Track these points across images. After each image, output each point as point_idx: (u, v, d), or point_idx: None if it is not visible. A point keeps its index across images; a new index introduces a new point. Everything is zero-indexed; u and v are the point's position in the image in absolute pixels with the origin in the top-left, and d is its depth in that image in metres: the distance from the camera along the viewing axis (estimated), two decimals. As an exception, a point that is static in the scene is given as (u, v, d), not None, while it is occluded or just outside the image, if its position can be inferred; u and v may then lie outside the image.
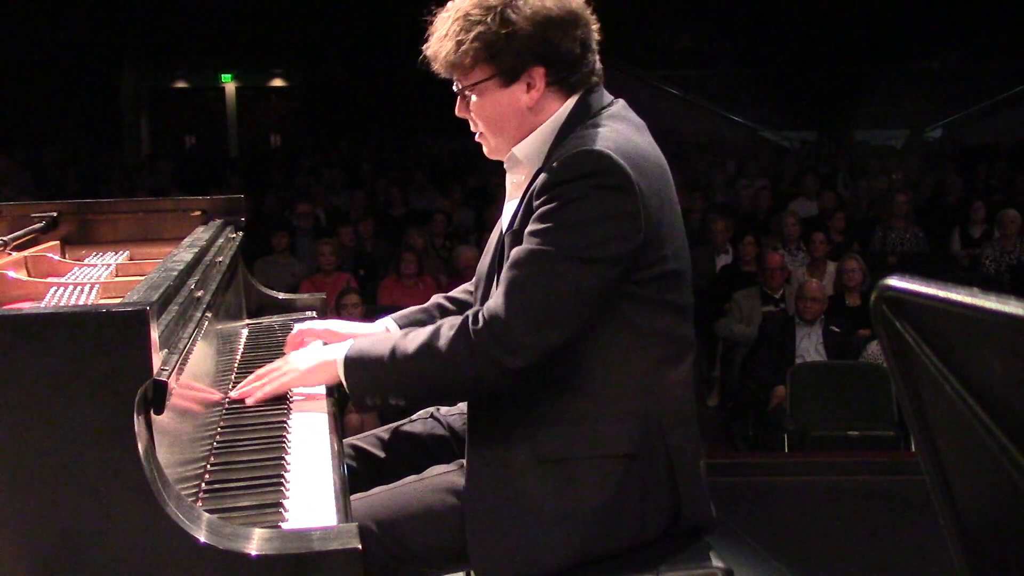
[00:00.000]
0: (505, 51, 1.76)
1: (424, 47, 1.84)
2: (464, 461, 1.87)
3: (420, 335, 1.77)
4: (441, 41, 1.80)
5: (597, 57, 1.87)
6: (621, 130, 1.77)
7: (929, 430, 0.87)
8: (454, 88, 1.88)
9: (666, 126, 14.32)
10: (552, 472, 1.76)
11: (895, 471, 4.71)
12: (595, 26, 1.86)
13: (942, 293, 0.80)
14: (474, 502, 1.77)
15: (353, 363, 1.83)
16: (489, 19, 1.75)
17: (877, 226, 8.63)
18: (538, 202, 1.71)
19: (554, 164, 1.72)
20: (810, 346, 5.98)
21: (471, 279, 2.09)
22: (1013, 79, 15.27)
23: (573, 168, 1.68)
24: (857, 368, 5.71)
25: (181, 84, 17.38)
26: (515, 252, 1.73)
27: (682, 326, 1.84)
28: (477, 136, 1.92)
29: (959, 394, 0.81)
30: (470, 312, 1.75)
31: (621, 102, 1.89)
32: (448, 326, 1.75)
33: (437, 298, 2.20)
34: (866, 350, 5.98)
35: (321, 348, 2.01)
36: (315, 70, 16.49)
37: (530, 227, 1.72)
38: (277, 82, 17.57)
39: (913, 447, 3.60)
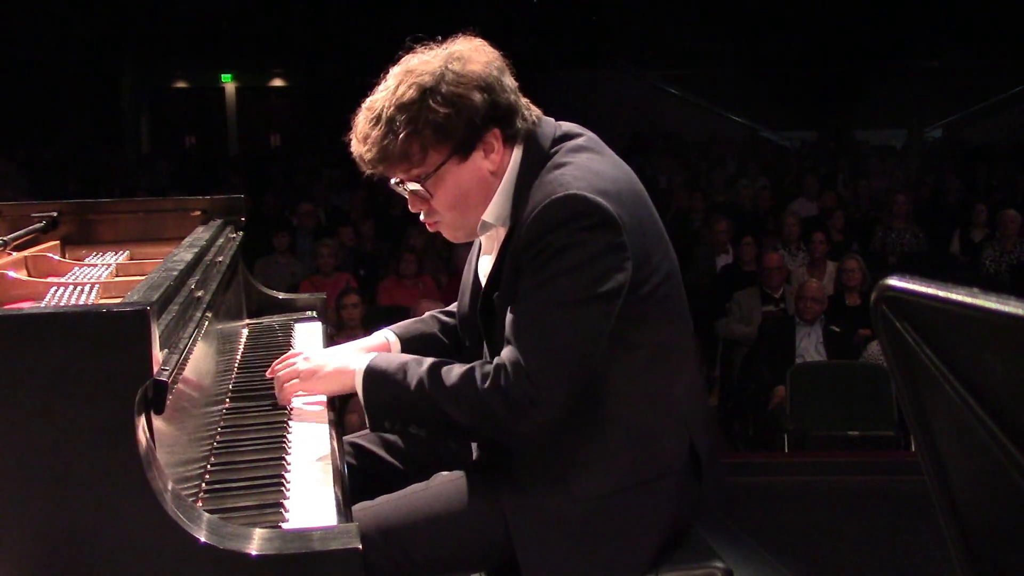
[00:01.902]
0: (456, 126, 1.72)
1: (362, 152, 1.77)
2: (467, 469, 1.89)
3: (449, 376, 1.74)
4: (380, 140, 1.73)
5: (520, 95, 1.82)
6: (583, 162, 1.76)
7: (929, 430, 0.87)
8: (393, 185, 1.82)
9: (666, 126, 14.35)
10: (591, 508, 1.77)
11: (895, 471, 4.71)
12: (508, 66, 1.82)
13: (942, 293, 0.80)
14: (525, 551, 1.76)
15: (372, 380, 1.81)
16: (429, 102, 1.70)
17: (877, 226, 8.63)
18: (527, 256, 1.70)
19: (532, 217, 1.70)
20: (810, 346, 5.98)
21: None
22: (1013, 79, 15.26)
23: (553, 217, 1.67)
24: (857, 368, 5.71)
25: (181, 84, 17.38)
26: (521, 309, 1.71)
27: (683, 332, 1.86)
28: (432, 226, 1.87)
29: (959, 394, 0.81)
30: (499, 365, 1.71)
31: (568, 125, 1.86)
32: (480, 375, 1.71)
33: (433, 312, 2.19)
34: (866, 350, 5.98)
35: (338, 355, 1.97)
36: (315, 70, 16.48)
37: (527, 283, 1.71)
38: (277, 82, 17.57)
39: (913, 447, 3.60)
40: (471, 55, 1.75)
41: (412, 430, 1.80)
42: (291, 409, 1.97)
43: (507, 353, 1.71)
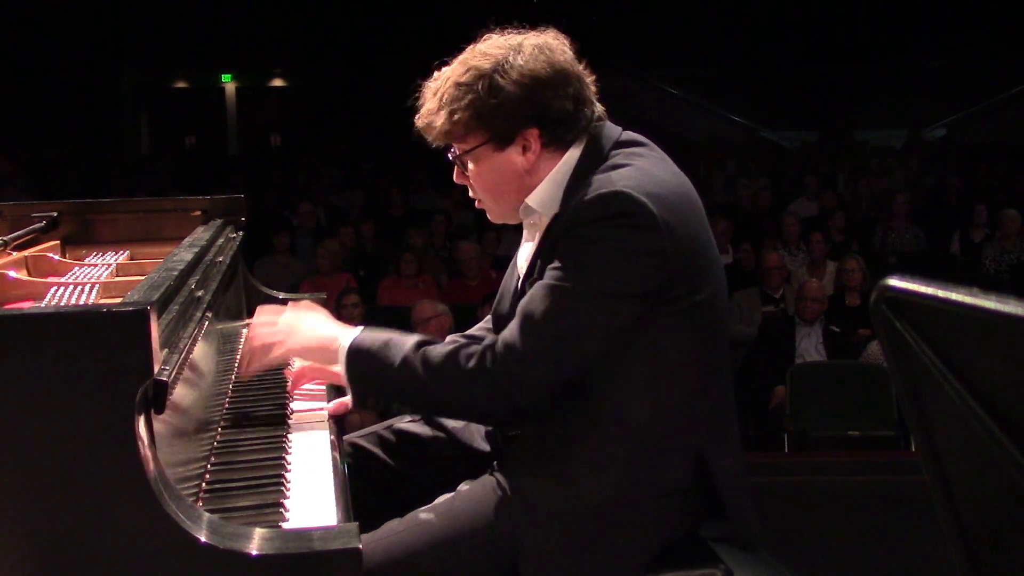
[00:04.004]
0: (496, 117, 1.75)
1: (416, 119, 1.83)
2: (465, 485, 1.88)
3: (435, 355, 1.74)
4: (432, 112, 1.79)
5: (596, 106, 1.84)
6: (642, 166, 1.75)
7: (929, 430, 0.87)
8: (449, 156, 1.87)
9: (666, 126, 14.34)
10: (595, 516, 1.74)
11: (895, 471, 4.71)
12: (590, 78, 1.84)
13: (942, 293, 0.80)
14: (528, 554, 1.73)
15: (357, 358, 1.79)
16: (479, 87, 1.74)
17: (877, 226, 8.63)
18: (562, 244, 1.71)
19: (576, 207, 1.70)
20: (810, 346, 5.98)
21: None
22: (1014, 79, 15.25)
23: (596, 210, 1.67)
24: (857, 368, 5.71)
25: (181, 84, 17.36)
26: (534, 288, 1.72)
27: (716, 356, 1.81)
28: (477, 204, 1.92)
29: (959, 394, 0.81)
30: (487, 345, 1.72)
31: (632, 134, 1.86)
32: (465, 355, 1.71)
33: (453, 337, 2.07)
34: (866, 350, 5.98)
35: (324, 322, 1.93)
36: (315, 70, 16.47)
37: (552, 267, 1.71)
38: (277, 82, 17.55)
39: (913, 447, 3.60)
40: (537, 53, 1.77)
41: (396, 407, 1.84)
42: (291, 408, 1.97)
43: (505, 333, 1.72)
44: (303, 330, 1.91)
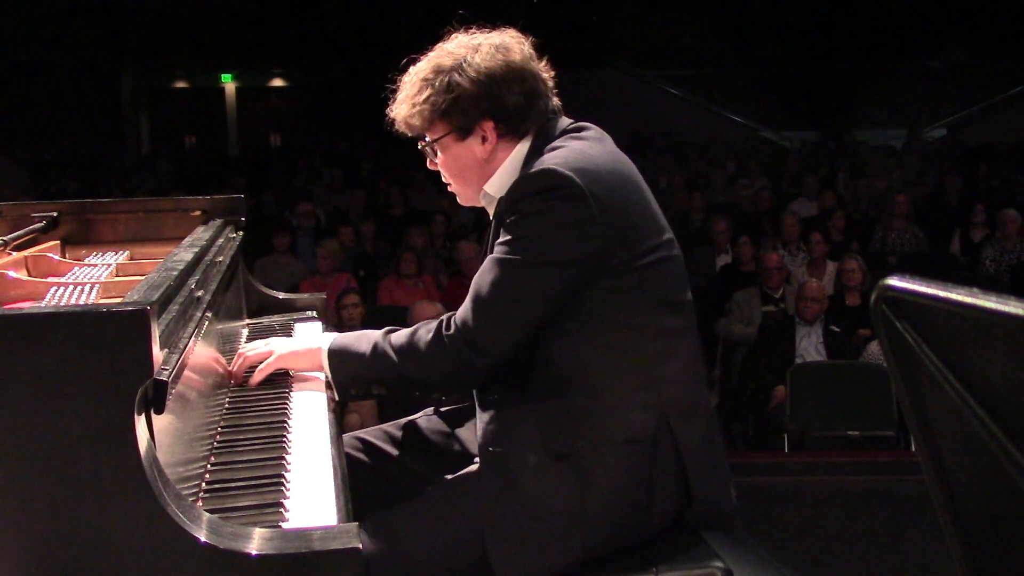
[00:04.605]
0: (454, 110, 1.93)
1: (388, 110, 2.01)
2: (461, 474, 1.93)
3: (400, 336, 1.93)
4: (401, 104, 1.98)
5: (550, 99, 2.00)
6: (575, 146, 1.90)
7: (929, 430, 0.87)
8: (419, 146, 2.04)
9: (666, 126, 14.35)
10: (563, 468, 1.81)
11: (895, 471, 4.72)
12: (545, 75, 2.00)
13: (942, 293, 0.80)
14: (492, 507, 1.81)
15: (336, 355, 2.00)
16: (437, 83, 1.92)
17: (877, 226, 8.62)
18: (504, 222, 1.87)
19: (512, 187, 1.88)
20: (810, 346, 5.98)
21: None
22: (1014, 79, 15.25)
23: (528, 186, 1.84)
24: (857, 368, 5.71)
25: (181, 84, 17.36)
26: (484, 266, 1.89)
27: (673, 319, 1.89)
28: (449, 187, 2.08)
29: (959, 394, 0.81)
30: (443, 319, 1.89)
31: (583, 124, 2.00)
32: (425, 329, 1.90)
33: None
34: (866, 350, 5.98)
35: (306, 337, 2.16)
36: (315, 70, 16.47)
37: (497, 244, 1.88)
38: (277, 82, 17.56)
39: (913, 447, 3.60)
40: (494, 52, 1.93)
41: (375, 391, 2.00)
42: (291, 408, 1.97)
43: (462, 306, 1.88)
44: (289, 343, 2.18)
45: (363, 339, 1.98)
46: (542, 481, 1.80)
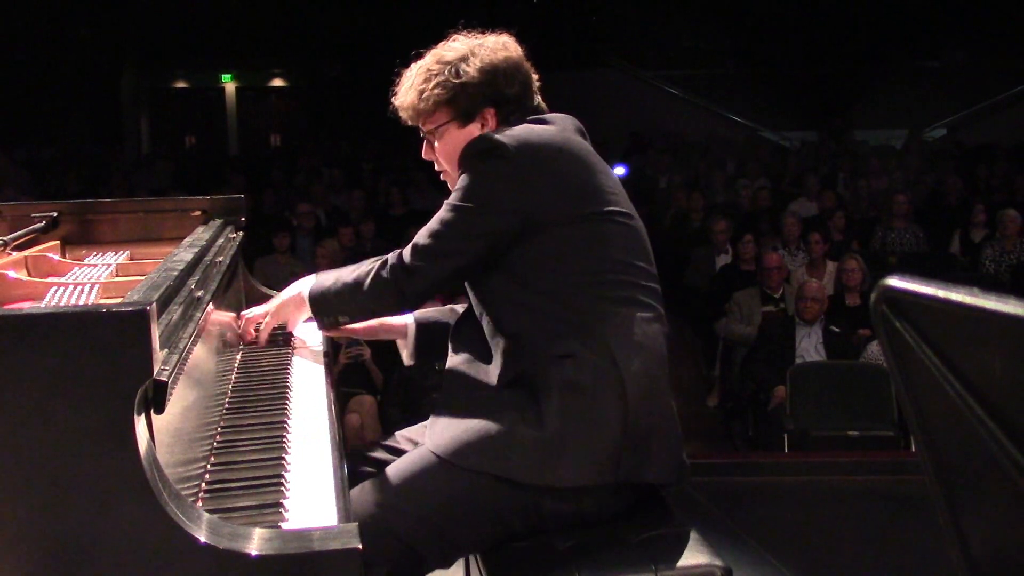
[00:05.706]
0: (460, 97, 2.12)
1: (392, 98, 2.20)
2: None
3: (360, 270, 2.17)
4: (407, 92, 2.17)
5: (537, 96, 2.20)
6: (523, 126, 2.08)
7: (929, 430, 0.87)
8: (420, 134, 2.22)
9: (666, 126, 14.34)
10: (514, 394, 1.97)
11: (895, 471, 4.72)
12: (534, 75, 2.20)
13: (942, 293, 0.80)
14: (445, 401, 2.05)
15: (314, 299, 2.26)
16: (447, 71, 2.12)
17: (877, 226, 8.63)
18: None
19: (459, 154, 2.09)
20: (810, 346, 5.98)
21: None
22: (1014, 79, 15.23)
23: (467, 151, 2.07)
24: (857, 368, 5.71)
25: (181, 84, 17.36)
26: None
27: (627, 275, 2.02)
28: (442, 176, 2.25)
29: (959, 394, 0.81)
30: (389, 255, 2.13)
31: (555, 114, 2.17)
32: (379, 263, 2.13)
33: (452, 306, 2.47)
34: (866, 350, 5.98)
35: (292, 287, 2.38)
36: (315, 70, 16.47)
37: None
38: (277, 82, 17.55)
39: (913, 447, 3.60)
40: (494, 48, 2.14)
41: (341, 320, 2.24)
42: (291, 408, 1.97)
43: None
44: (279, 297, 2.44)
45: (333, 277, 2.24)
46: (495, 398, 1.97)
